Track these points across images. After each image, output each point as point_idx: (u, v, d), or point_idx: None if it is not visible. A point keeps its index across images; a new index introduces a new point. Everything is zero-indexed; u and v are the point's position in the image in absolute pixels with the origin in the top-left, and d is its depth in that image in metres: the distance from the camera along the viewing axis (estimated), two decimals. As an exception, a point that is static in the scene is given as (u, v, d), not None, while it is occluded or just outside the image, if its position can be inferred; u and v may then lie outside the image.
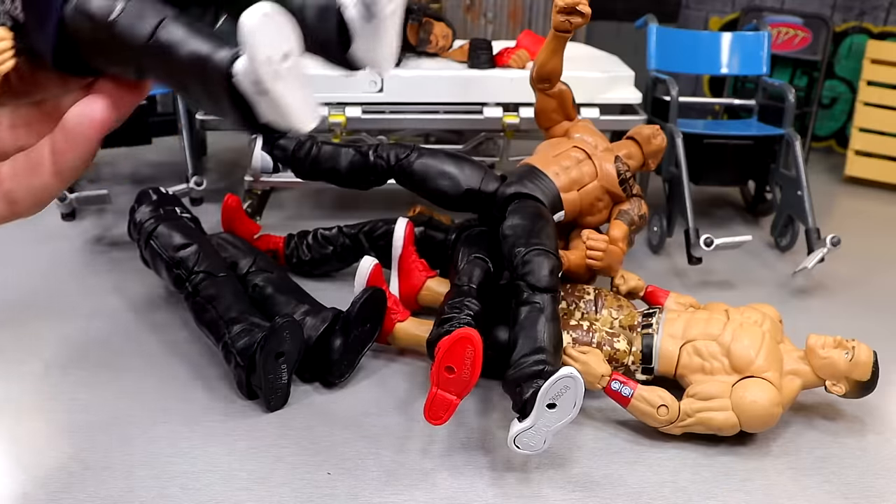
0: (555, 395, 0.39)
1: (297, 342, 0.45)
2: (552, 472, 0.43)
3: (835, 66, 1.84)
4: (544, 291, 0.49)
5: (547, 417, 0.40)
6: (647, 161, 0.75)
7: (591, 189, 0.66)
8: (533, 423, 0.40)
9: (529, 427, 0.40)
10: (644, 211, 0.70)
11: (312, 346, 0.48)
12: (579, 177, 0.65)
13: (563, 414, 0.40)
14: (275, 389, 0.44)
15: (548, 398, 0.40)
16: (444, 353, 0.41)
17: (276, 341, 0.44)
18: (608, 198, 0.68)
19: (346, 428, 0.46)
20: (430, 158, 0.62)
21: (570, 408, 0.40)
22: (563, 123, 0.73)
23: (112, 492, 0.39)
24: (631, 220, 0.68)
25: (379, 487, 0.41)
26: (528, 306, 0.49)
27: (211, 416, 0.47)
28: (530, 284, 0.50)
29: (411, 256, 0.61)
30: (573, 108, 0.74)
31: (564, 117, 0.73)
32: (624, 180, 0.68)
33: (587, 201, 0.66)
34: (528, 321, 0.47)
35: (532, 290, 0.50)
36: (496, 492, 0.41)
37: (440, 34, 0.90)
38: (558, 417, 0.40)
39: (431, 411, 0.41)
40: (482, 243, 0.61)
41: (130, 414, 0.46)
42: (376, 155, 0.63)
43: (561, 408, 0.40)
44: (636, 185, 0.71)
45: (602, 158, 0.68)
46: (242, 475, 0.41)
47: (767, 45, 1.15)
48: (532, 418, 0.40)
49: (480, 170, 0.63)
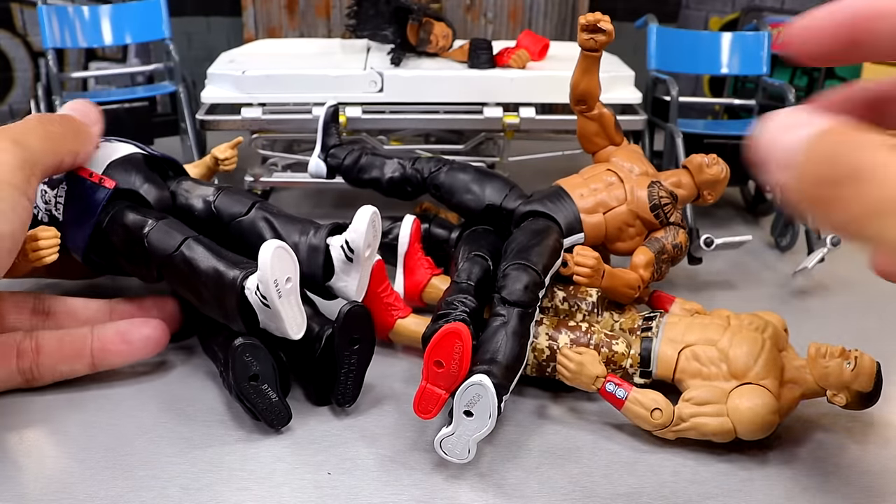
0: (468, 403, 0.40)
1: (264, 360, 0.43)
2: (552, 472, 0.43)
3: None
4: (513, 305, 0.49)
5: (466, 425, 0.40)
6: (701, 192, 0.71)
7: (619, 213, 0.64)
8: (454, 429, 0.41)
9: (451, 433, 0.41)
10: (681, 241, 0.66)
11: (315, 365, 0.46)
12: (607, 199, 0.64)
13: (480, 423, 0.40)
14: (269, 410, 0.43)
15: (462, 405, 0.40)
16: (433, 348, 0.41)
17: (242, 368, 0.42)
18: (640, 224, 0.64)
19: (346, 428, 0.46)
20: (459, 172, 0.63)
21: (486, 418, 0.40)
22: (608, 148, 0.70)
23: (112, 492, 0.39)
24: (661, 249, 0.64)
25: (379, 487, 0.41)
26: (495, 318, 0.49)
27: (211, 417, 0.47)
28: (502, 297, 0.50)
29: (417, 254, 0.61)
30: (618, 133, 0.71)
31: (608, 142, 0.70)
32: (657, 206, 0.65)
33: (614, 225, 0.64)
34: (489, 333, 0.47)
35: (502, 304, 0.50)
36: (496, 491, 0.41)
37: (440, 34, 0.90)
38: (476, 427, 0.40)
39: (420, 405, 0.42)
40: (484, 242, 0.61)
41: (130, 414, 0.46)
42: (413, 167, 0.65)
43: (477, 416, 0.40)
44: (677, 214, 0.67)
45: (636, 183, 0.66)
46: (242, 475, 0.41)
47: (768, 45, 1.15)
48: (453, 425, 0.41)
49: (506, 187, 0.63)
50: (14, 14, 1.80)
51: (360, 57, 0.92)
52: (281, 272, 0.39)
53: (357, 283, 0.46)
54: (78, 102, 0.53)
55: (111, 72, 1.47)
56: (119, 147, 0.55)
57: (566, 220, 0.61)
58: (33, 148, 0.43)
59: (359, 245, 0.44)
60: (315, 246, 0.45)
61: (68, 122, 0.49)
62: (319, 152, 0.67)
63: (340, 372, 0.43)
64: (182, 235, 0.45)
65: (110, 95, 1.00)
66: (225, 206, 0.50)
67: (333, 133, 0.69)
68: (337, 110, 0.69)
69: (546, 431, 0.46)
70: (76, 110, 0.52)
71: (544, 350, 0.53)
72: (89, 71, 1.61)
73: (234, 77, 0.84)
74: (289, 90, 0.84)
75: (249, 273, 0.41)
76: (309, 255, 0.46)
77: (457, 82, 0.85)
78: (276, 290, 0.39)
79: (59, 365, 0.47)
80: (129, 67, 1.62)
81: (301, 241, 0.46)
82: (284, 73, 0.84)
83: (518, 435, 0.45)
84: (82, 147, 0.49)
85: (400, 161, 0.66)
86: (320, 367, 0.44)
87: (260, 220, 0.48)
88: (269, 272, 0.38)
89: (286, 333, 0.41)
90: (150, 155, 0.55)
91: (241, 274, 0.41)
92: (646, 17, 1.07)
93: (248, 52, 0.98)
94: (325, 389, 0.45)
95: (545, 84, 0.87)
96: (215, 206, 0.50)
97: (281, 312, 0.40)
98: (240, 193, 0.52)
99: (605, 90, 0.85)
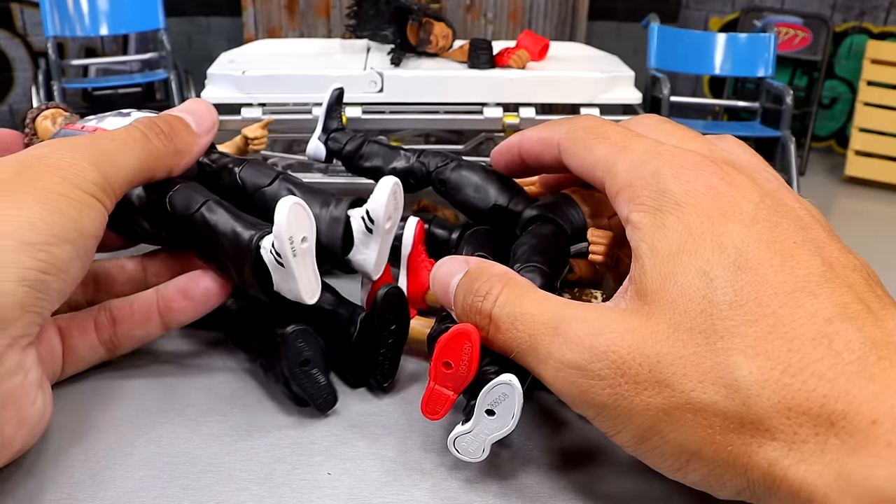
0: (492, 402, 0.39)
1: (315, 344, 0.44)
2: (553, 472, 0.43)
3: (835, 67, 1.84)
4: None
5: (485, 424, 0.40)
6: None
7: None
8: (472, 427, 0.40)
9: (468, 431, 0.40)
10: None
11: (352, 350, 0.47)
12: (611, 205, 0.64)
13: (501, 423, 0.40)
14: (318, 393, 0.44)
15: (486, 404, 0.40)
16: (442, 349, 0.41)
17: (295, 353, 0.43)
18: None
19: (346, 428, 0.46)
20: (467, 171, 0.62)
21: (508, 418, 0.40)
22: None
23: (112, 492, 0.39)
24: None
25: (379, 487, 0.41)
26: None
27: (211, 417, 0.47)
28: None
29: (420, 256, 0.61)
30: None
31: None
32: None
33: (618, 230, 0.64)
34: None
35: None
36: (496, 491, 0.41)
37: (440, 34, 0.90)
38: (497, 426, 0.40)
39: (428, 406, 0.41)
40: (486, 242, 0.60)
41: (130, 415, 0.46)
42: (419, 160, 0.63)
43: (499, 416, 0.40)
44: None
45: None
46: (242, 475, 0.41)
47: (773, 47, 1.15)
48: (472, 423, 0.40)
49: (512, 188, 0.63)
50: (14, 14, 1.80)
51: (361, 57, 0.92)
52: (297, 229, 0.39)
53: (376, 255, 0.46)
54: (197, 104, 0.48)
55: (109, 59, 1.48)
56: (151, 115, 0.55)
57: (572, 227, 0.61)
58: (121, 166, 0.40)
59: (379, 215, 0.45)
60: (336, 217, 0.46)
61: (175, 136, 0.45)
62: (320, 134, 0.65)
63: (379, 353, 0.45)
64: (203, 198, 0.46)
65: (108, 81, 1.01)
66: (249, 177, 0.51)
67: (336, 116, 0.68)
68: (342, 93, 0.68)
69: (548, 432, 0.46)
70: (192, 112, 0.47)
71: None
72: (88, 59, 1.61)
73: (234, 77, 0.84)
74: (288, 90, 0.84)
75: (266, 233, 0.42)
76: (329, 226, 0.46)
77: (456, 82, 0.85)
78: (291, 247, 0.39)
79: (135, 330, 0.46)
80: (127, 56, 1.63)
81: (322, 212, 0.46)
82: (284, 74, 0.84)
83: (520, 435, 0.45)
84: (179, 165, 0.45)
85: (405, 152, 0.65)
86: (357, 351, 0.45)
87: (283, 189, 0.49)
88: (285, 228, 0.38)
89: (299, 296, 0.42)
90: None
91: (258, 234, 0.42)
92: (649, 16, 1.07)
93: (249, 52, 0.98)
94: (362, 372, 0.46)
95: (545, 84, 0.87)
96: (240, 177, 0.51)
97: (295, 272, 0.40)
98: (264, 165, 0.53)
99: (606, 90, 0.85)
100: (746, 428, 0.27)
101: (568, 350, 0.32)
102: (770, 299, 0.28)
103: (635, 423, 0.30)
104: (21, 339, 0.35)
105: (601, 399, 0.31)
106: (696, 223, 0.31)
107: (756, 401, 0.27)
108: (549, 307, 0.34)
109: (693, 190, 0.32)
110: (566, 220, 0.61)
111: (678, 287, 0.30)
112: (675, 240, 0.31)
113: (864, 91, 1.64)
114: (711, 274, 0.29)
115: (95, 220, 0.37)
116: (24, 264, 0.32)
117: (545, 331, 0.33)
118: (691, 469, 0.31)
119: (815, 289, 0.28)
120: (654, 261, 0.31)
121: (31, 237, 0.33)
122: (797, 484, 0.26)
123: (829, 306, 0.27)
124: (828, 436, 0.25)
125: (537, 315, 0.34)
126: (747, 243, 0.29)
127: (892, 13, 1.84)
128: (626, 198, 0.35)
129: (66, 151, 0.37)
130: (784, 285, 0.28)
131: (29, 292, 0.34)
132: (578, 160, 0.40)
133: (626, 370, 0.30)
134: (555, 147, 0.43)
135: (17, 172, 0.34)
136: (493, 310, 0.35)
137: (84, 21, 1.16)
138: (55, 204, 0.34)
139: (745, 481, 0.29)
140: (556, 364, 0.33)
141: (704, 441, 0.29)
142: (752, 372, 0.27)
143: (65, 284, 0.36)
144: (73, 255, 0.36)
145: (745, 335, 0.27)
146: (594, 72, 0.90)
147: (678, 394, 0.28)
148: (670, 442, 0.30)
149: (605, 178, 0.38)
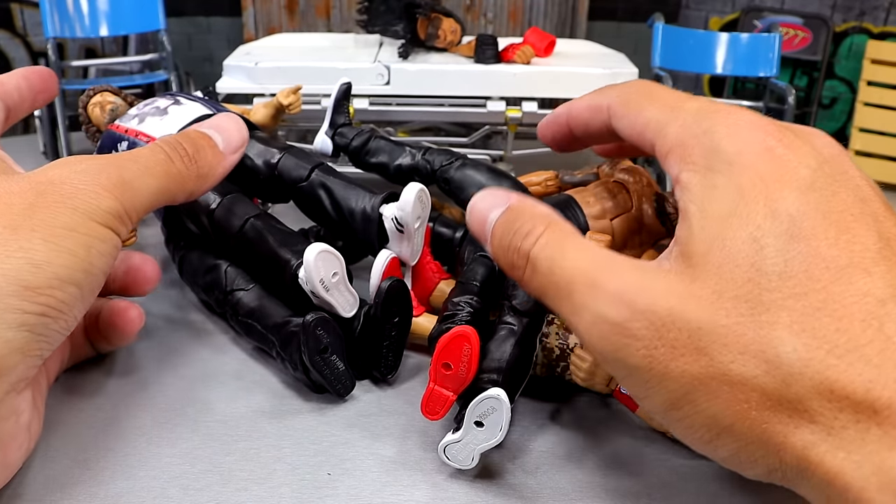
0: (481, 415, 0.40)
1: (334, 332, 0.45)
2: (554, 472, 0.43)
3: (835, 66, 1.84)
4: (523, 315, 0.49)
5: (474, 434, 0.40)
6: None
7: (626, 220, 0.64)
8: (461, 437, 0.40)
9: (458, 440, 0.41)
10: None
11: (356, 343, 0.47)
12: (613, 207, 0.63)
13: (489, 434, 0.40)
14: (337, 379, 0.45)
15: (475, 416, 0.40)
16: (441, 350, 0.41)
17: (314, 341, 0.44)
18: (646, 233, 0.65)
19: (346, 428, 0.46)
20: (471, 170, 0.62)
21: (496, 430, 0.40)
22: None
23: (112, 492, 0.39)
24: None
25: (379, 487, 0.41)
26: (503, 326, 0.49)
27: (211, 417, 0.47)
28: (512, 306, 0.50)
29: (426, 258, 0.61)
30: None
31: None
32: (664, 213, 0.65)
33: (621, 232, 0.64)
34: (498, 340, 0.47)
35: (512, 312, 0.50)
36: (496, 491, 0.41)
37: (448, 29, 0.91)
38: (485, 437, 0.40)
39: (428, 407, 0.42)
40: None
41: (130, 414, 0.46)
42: (424, 157, 0.63)
43: (488, 428, 0.40)
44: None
45: (643, 193, 0.66)
46: (242, 475, 0.41)
47: (778, 47, 1.16)
48: (461, 433, 0.40)
49: (517, 189, 0.63)
50: (14, 14, 1.80)
51: (372, 51, 0.94)
52: (326, 271, 0.43)
53: (410, 249, 0.50)
54: (227, 120, 0.44)
55: (109, 60, 1.49)
56: (189, 108, 0.55)
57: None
58: (141, 192, 0.37)
59: (407, 221, 0.48)
60: (368, 216, 0.49)
61: (200, 158, 0.41)
62: (327, 128, 0.66)
63: (383, 345, 0.46)
64: (244, 216, 0.49)
65: (108, 82, 1.01)
66: (286, 171, 0.53)
67: (344, 111, 0.68)
68: (350, 87, 0.68)
69: (549, 433, 0.46)
70: (221, 130, 0.43)
71: (554, 349, 0.53)
72: (88, 60, 1.62)
73: (248, 68, 0.87)
74: (298, 81, 0.85)
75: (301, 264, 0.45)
76: (364, 225, 0.49)
77: (461, 76, 0.86)
78: (323, 286, 0.43)
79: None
80: (127, 58, 1.63)
81: (356, 210, 0.50)
82: (295, 65, 0.86)
83: (521, 436, 0.45)
84: (201, 189, 0.42)
85: (411, 149, 0.65)
86: (361, 344, 0.46)
87: (318, 187, 0.51)
88: (314, 274, 0.42)
89: (337, 313, 0.46)
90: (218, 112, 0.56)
91: (295, 264, 0.46)
92: (653, 15, 1.07)
93: (265, 44, 1.00)
94: (366, 364, 0.47)
95: (548, 79, 0.88)
96: (278, 171, 0.53)
97: (328, 300, 0.44)
98: (301, 156, 0.54)
99: (606, 90, 0.84)
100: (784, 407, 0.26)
101: (605, 304, 0.30)
102: (822, 273, 0.26)
103: (668, 388, 0.29)
104: (19, 384, 0.34)
105: (635, 360, 0.29)
106: (748, 186, 0.29)
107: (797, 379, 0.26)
108: (591, 256, 0.32)
109: (748, 150, 0.30)
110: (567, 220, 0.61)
111: (726, 252, 0.28)
112: (725, 202, 0.29)
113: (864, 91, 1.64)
114: (762, 241, 0.28)
115: (105, 254, 0.35)
116: (24, 309, 0.31)
117: (583, 280, 0.31)
118: (721, 443, 0.29)
119: (869, 266, 0.26)
120: (702, 223, 0.30)
121: (33, 281, 0.31)
122: (833, 472, 0.25)
123: (884, 286, 0.26)
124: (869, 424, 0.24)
125: (577, 262, 0.32)
126: (802, 211, 0.28)
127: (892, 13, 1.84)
128: (676, 157, 0.33)
129: (85, 176, 0.35)
130: (838, 259, 0.27)
131: (29, 337, 0.32)
132: (628, 122, 0.38)
133: (665, 333, 0.28)
134: (604, 112, 0.40)
135: (28, 204, 0.33)
136: (532, 251, 0.33)
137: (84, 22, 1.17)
138: (62, 242, 0.32)
139: (778, 462, 0.27)
140: (591, 317, 0.31)
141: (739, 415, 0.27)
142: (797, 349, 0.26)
143: (67, 325, 0.34)
144: (76, 297, 0.34)
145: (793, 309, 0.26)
146: (596, 68, 0.91)
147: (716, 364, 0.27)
148: (702, 413, 0.28)
149: (655, 139, 0.35)
